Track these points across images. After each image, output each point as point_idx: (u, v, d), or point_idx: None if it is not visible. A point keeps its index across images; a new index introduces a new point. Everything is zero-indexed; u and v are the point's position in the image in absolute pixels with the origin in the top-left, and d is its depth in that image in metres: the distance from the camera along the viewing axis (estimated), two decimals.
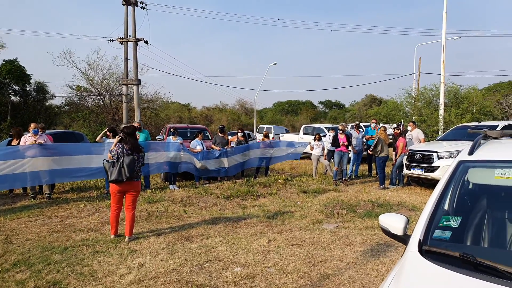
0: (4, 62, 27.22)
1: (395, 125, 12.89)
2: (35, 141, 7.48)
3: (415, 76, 26.58)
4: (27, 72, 27.87)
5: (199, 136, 10.19)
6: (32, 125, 7.78)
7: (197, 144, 9.95)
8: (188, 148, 9.68)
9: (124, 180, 4.96)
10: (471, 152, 2.37)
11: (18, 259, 4.38)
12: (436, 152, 8.56)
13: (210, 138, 12.07)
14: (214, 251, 4.70)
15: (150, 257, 4.47)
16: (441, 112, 15.26)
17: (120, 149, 5.05)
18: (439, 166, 8.36)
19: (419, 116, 17.36)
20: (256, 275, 3.94)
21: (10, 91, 28.07)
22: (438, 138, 11.03)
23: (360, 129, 11.50)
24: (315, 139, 11.21)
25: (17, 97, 28.54)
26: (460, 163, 2.36)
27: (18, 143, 7.75)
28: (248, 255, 4.57)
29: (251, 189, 8.90)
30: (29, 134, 7.66)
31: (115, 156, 5.02)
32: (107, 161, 5.10)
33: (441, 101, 15.48)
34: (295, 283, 3.77)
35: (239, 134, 11.57)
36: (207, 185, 9.67)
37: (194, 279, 3.84)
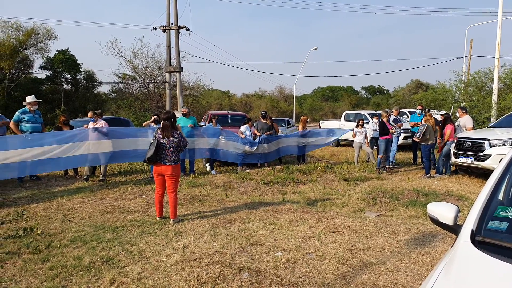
0: (57, 52, 28.84)
1: (442, 112, 12.25)
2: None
3: (465, 59, 25.01)
4: (77, 61, 29.39)
5: (249, 123, 10.40)
6: (89, 114, 8.54)
7: (246, 130, 10.18)
8: (235, 133, 9.95)
9: (152, 160, 5.14)
10: None
11: (75, 236, 4.72)
12: (488, 140, 8.07)
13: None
14: (255, 235, 4.79)
15: (194, 239, 4.64)
16: (495, 97, 14.30)
17: (157, 133, 5.32)
18: (490, 155, 7.88)
19: (469, 101, 16.38)
20: (297, 260, 3.98)
21: (63, 80, 29.80)
22: (490, 125, 10.37)
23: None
24: (357, 126, 10.96)
25: (69, 85, 30.26)
26: None
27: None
28: (289, 240, 4.61)
29: (291, 176, 8.91)
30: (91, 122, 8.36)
31: (154, 138, 5.28)
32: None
33: (495, 86, 14.49)
34: (336, 269, 3.76)
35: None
36: (247, 171, 9.79)
37: (236, 261, 3.95)
